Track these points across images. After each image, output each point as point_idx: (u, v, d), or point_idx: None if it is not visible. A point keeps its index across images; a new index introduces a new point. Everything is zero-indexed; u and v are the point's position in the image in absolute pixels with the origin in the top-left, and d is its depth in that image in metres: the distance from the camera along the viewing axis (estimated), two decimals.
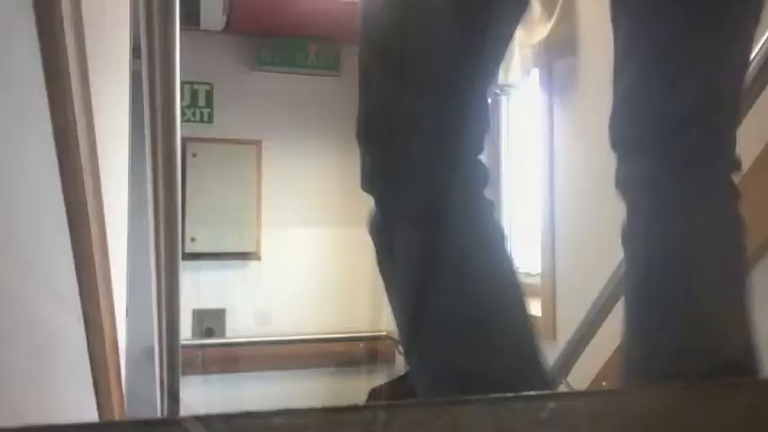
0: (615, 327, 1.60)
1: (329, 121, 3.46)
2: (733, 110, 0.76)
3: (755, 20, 0.72)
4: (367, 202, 0.67)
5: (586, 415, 0.40)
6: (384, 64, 0.66)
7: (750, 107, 1.15)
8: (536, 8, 2.03)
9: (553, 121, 2.10)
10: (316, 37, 3.60)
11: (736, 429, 0.40)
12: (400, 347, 3.77)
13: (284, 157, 3.61)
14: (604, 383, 1.69)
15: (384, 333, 3.61)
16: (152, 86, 0.75)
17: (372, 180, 0.67)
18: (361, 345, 3.53)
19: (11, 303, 0.74)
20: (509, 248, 0.76)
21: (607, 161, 2.05)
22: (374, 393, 2.11)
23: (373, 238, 0.69)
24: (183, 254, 2.63)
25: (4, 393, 0.69)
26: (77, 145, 0.92)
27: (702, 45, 0.71)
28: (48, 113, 0.84)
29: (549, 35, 1.94)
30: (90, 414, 1.20)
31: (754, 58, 1.11)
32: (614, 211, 1.90)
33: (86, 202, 0.99)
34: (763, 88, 1.13)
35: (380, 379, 3.67)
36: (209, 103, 3.55)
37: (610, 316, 1.56)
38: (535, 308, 2.22)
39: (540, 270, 2.21)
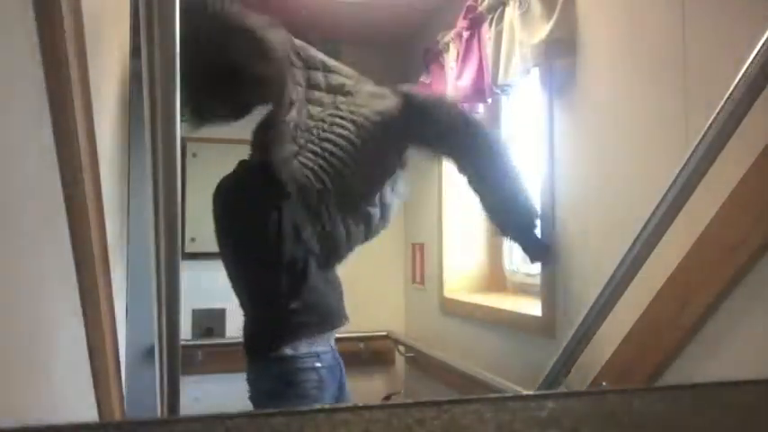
0: (615, 327, 1.60)
1: None
2: None
3: None
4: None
5: (586, 415, 0.40)
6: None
7: (750, 107, 1.15)
8: (536, 8, 2.03)
9: (553, 121, 2.10)
10: (316, 37, 3.60)
11: (736, 429, 0.40)
12: (400, 347, 3.76)
13: None
14: (604, 383, 1.69)
15: (384, 333, 3.61)
16: (152, 86, 0.75)
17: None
18: (361, 345, 3.53)
19: (11, 304, 0.74)
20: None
21: (607, 161, 2.05)
22: None
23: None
24: (183, 254, 2.62)
25: (4, 393, 0.68)
26: (77, 145, 0.92)
27: None
28: (48, 113, 0.84)
29: (548, 35, 1.94)
30: (90, 414, 1.20)
31: (755, 58, 1.11)
32: (614, 211, 1.90)
33: (86, 203, 0.99)
34: (763, 88, 1.12)
35: (380, 379, 3.67)
36: None
37: (610, 316, 1.57)
38: (535, 308, 2.22)
39: (540, 270, 2.21)
